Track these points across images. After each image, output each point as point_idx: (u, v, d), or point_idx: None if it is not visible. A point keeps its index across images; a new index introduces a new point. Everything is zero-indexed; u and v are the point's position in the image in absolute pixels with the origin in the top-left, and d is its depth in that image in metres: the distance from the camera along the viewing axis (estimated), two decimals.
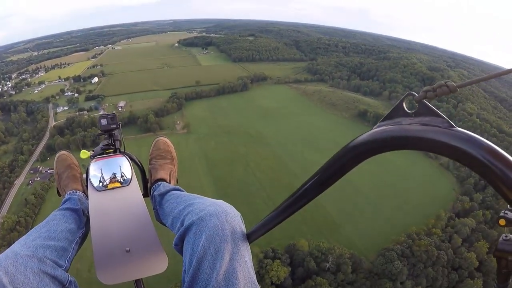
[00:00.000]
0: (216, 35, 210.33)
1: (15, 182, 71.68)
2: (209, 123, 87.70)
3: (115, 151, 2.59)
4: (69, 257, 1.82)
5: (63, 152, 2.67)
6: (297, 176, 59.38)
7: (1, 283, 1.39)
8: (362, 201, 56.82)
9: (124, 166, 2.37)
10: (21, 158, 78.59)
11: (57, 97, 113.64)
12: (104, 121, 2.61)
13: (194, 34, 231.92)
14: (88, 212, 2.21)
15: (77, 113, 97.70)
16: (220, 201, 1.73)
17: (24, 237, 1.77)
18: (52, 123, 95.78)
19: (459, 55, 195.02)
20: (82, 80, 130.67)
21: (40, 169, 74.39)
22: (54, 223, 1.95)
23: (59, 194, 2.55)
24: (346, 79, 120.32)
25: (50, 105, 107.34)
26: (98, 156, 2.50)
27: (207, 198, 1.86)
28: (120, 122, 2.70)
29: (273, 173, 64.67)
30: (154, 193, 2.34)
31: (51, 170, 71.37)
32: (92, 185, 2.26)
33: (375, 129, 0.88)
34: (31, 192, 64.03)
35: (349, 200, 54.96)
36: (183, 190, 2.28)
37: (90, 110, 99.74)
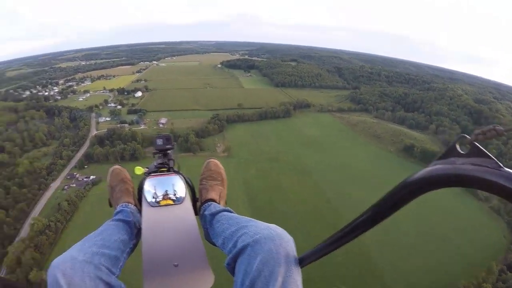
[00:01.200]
0: (258, 59, 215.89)
1: (51, 185, 74.56)
2: (251, 148, 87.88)
3: (168, 170, 2.80)
4: (121, 265, 1.97)
5: (117, 166, 2.95)
6: (338, 212, 58.16)
7: (58, 284, 1.53)
8: (406, 244, 54.17)
9: (177, 185, 2.57)
10: (59, 162, 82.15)
11: (100, 107, 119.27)
12: (160, 141, 2.91)
13: (237, 56, 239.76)
14: (139, 225, 2.40)
15: (119, 125, 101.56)
16: (274, 225, 1.80)
17: (79, 243, 1.93)
18: (93, 132, 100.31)
19: (504, 85, 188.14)
20: (126, 93, 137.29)
21: (77, 175, 77.06)
22: (108, 233, 2.13)
23: (110, 205, 2.81)
24: (391, 110, 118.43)
25: (93, 114, 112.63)
26: (152, 174, 2.73)
27: (260, 221, 1.94)
28: (175, 143, 2.99)
29: (314, 207, 63.19)
30: (205, 212, 2.48)
31: (87, 179, 74.55)
32: (146, 200, 2.47)
33: (432, 167, 0.95)
34: (65, 197, 65.89)
35: (393, 244, 52.80)
36: (233, 211, 2.38)
37: (131, 123, 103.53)
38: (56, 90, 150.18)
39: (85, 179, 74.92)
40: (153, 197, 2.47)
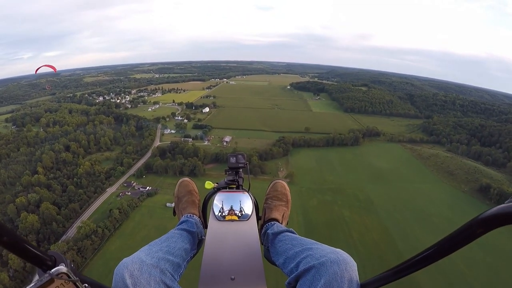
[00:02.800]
0: (328, 82, 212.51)
1: (107, 190, 76.08)
2: (314, 176, 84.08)
3: (237, 187, 3.06)
4: (181, 273, 2.14)
5: (186, 178, 3.18)
6: (403, 257, 51.09)
7: (124, 284, 1.68)
8: None
9: (244, 202, 2.80)
10: (119, 168, 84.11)
11: (167, 119, 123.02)
12: (233, 159, 3.16)
13: (307, 78, 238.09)
14: (201, 236, 2.65)
15: (182, 139, 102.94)
16: (340, 250, 1.88)
17: (147, 247, 2.11)
18: (157, 143, 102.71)
19: None
20: (193, 108, 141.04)
21: (133, 184, 77.72)
22: (173, 240, 2.32)
23: (174, 214, 3.06)
24: (466, 144, 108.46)
25: (159, 126, 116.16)
26: (222, 190, 3.00)
27: (326, 245, 2.03)
28: (248, 162, 3.16)
29: (377, 249, 57.11)
30: (268, 231, 2.61)
31: (143, 188, 74.51)
32: (214, 213, 2.73)
33: (507, 204, 0.97)
34: (118, 204, 66.46)
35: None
36: (296, 233, 2.49)
37: (195, 138, 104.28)
38: (128, 99, 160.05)
39: (141, 188, 75.20)
40: (220, 212, 2.74)
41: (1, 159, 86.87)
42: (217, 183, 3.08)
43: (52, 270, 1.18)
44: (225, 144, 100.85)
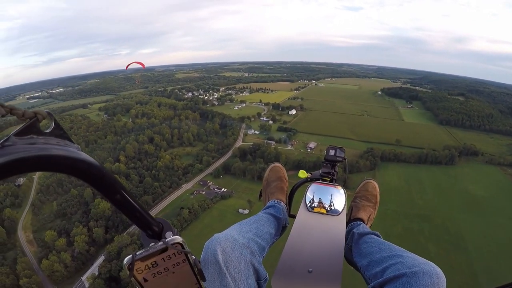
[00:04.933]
0: (422, 89, 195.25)
1: (182, 186, 76.25)
2: (402, 197, 75.76)
3: (331, 181, 2.98)
4: (264, 256, 2.19)
5: (278, 164, 3.22)
6: None
7: (216, 259, 1.75)
8: None
9: (336, 197, 2.72)
10: (197, 166, 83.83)
11: (252, 119, 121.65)
12: (332, 152, 3.10)
13: (399, 84, 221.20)
14: (285, 223, 2.74)
15: (265, 141, 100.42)
16: (432, 263, 1.86)
17: (237, 225, 2.24)
18: (239, 143, 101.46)
19: None
20: (280, 109, 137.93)
21: (209, 183, 76.51)
22: (261, 223, 2.41)
23: (259, 197, 3.16)
24: None
25: (243, 125, 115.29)
26: (317, 181, 2.94)
27: (416, 255, 2.00)
28: (346, 157, 3.11)
29: None
30: (353, 230, 2.60)
31: (218, 189, 72.97)
32: (305, 203, 2.70)
33: None
34: (190, 203, 65.72)
35: None
36: (381, 237, 2.49)
37: (278, 141, 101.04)
38: (216, 96, 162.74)
39: (216, 189, 73.70)
40: (310, 202, 2.70)
41: (89, 144, 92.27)
42: (311, 173, 3.09)
43: (168, 239, 1.19)
44: (309, 150, 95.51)
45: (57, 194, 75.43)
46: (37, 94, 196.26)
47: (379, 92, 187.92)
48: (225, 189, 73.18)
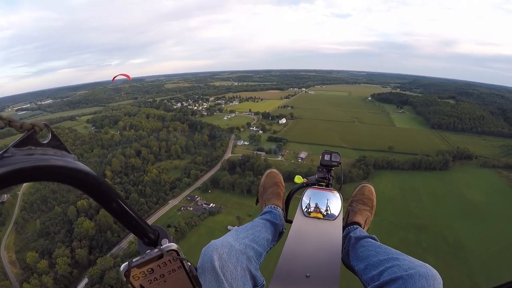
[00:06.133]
0: (412, 93, 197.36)
1: (169, 202, 74.24)
2: (397, 207, 73.75)
3: (327, 186, 3.02)
4: (261, 262, 2.20)
5: (274, 170, 3.25)
6: None
7: (212, 265, 1.76)
8: None
9: (332, 202, 2.76)
10: (185, 180, 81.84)
11: (241, 130, 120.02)
12: (327, 156, 3.13)
13: (388, 89, 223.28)
14: (282, 229, 2.74)
15: (255, 152, 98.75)
16: (429, 265, 1.89)
17: (234, 232, 2.23)
18: (228, 154, 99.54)
19: None
20: (270, 118, 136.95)
21: (197, 199, 74.57)
22: (258, 229, 2.42)
23: (256, 203, 3.15)
24: None
25: (232, 136, 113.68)
26: (313, 186, 2.98)
27: (413, 257, 2.03)
28: (341, 162, 3.13)
29: None
30: (350, 234, 2.61)
31: (206, 205, 71.33)
32: (301, 208, 2.73)
33: None
34: (177, 220, 63.98)
35: None
36: (378, 240, 2.51)
37: (268, 152, 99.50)
38: (205, 106, 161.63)
39: (204, 204, 71.80)
40: (306, 207, 2.73)
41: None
42: (307, 179, 3.12)
43: (163, 246, 1.22)
44: (300, 160, 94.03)
45: (41, 212, 73.47)
46: (25, 106, 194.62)
47: (369, 98, 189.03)
48: (214, 205, 71.26)
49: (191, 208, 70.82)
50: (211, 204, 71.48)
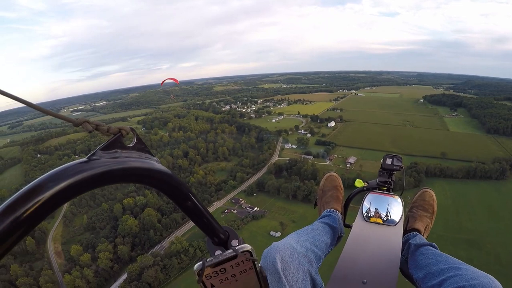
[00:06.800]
0: (466, 95, 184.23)
1: (213, 203, 74.42)
2: (449, 220, 68.37)
3: (388, 190, 2.92)
4: (319, 265, 2.17)
5: (333, 173, 3.22)
6: None
7: (274, 267, 1.78)
8: None
9: (393, 207, 2.68)
10: (231, 182, 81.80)
11: (289, 132, 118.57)
12: (389, 160, 3.02)
13: (441, 90, 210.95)
14: (341, 233, 2.70)
15: (302, 156, 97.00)
16: (492, 276, 1.84)
17: (295, 235, 2.26)
18: (275, 158, 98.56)
19: None
20: (318, 121, 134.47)
21: (242, 202, 74.13)
22: (318, 233, 2.42)
23: (314, 206, 3.12)
24: None
25: (280, 139, 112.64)
26: (375, 190, 2.90)
27: (475, 268, 1.97)
28: (404, 166, 3.02)
29: None
30: (410, 241, 2.52)
31: (250, 208, 70.98)
32: (362, 213, 2.67)
33: None
34: (220, 222, 62.46)
35: None
36: (438, 248, 2.37)
37: (316, 156, 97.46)
38: (253, 109, 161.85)
39: (248, 208, 71.26)
40: (367, 212, 2.68)
41: None
42: (367, 183, 3.02)
43: (238, 247, 1.26)
44: (348, 166, 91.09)
45: (89, 207, 76.80)
46: (80, 107, 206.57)
47: (421, 100, 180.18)
48: (258, 208, 70.50)
49: (235, 211, 70.68)
50: (255, 208, 70.80)
